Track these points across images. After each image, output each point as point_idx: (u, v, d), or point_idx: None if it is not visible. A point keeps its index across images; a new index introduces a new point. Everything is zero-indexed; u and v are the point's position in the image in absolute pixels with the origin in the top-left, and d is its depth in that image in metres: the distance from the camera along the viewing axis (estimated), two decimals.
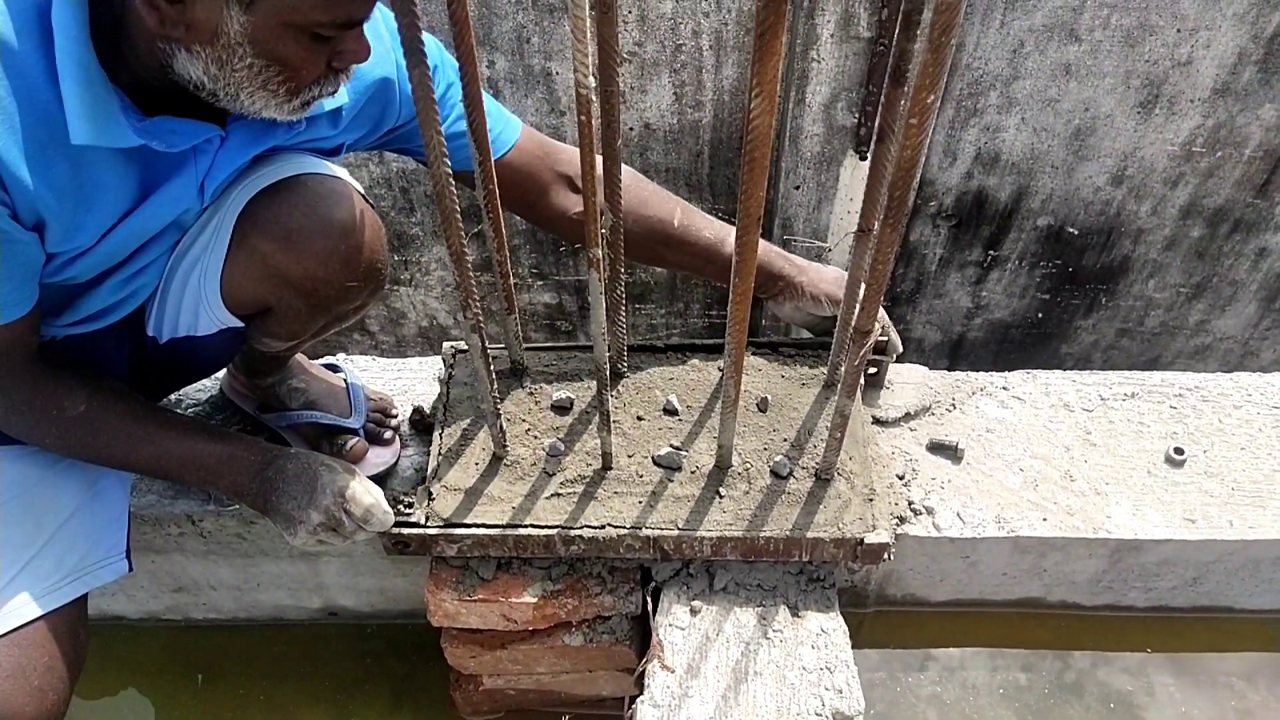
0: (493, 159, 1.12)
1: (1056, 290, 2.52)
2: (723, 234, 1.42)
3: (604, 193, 1.17)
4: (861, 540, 1.28)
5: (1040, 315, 2.61)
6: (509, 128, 1.31)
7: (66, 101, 0.91)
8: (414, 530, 1.29)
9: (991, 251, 2.42)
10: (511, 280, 1.28)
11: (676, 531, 1.28)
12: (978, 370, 1.61)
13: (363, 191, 1.23)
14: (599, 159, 1.07)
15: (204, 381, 1.56)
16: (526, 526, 1.29)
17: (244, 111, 1.00)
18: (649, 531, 1.28)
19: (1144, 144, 2.16)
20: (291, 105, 1.01)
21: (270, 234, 1.12)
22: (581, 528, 1.29)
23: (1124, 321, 2.63)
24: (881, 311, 1.45)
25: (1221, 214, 2.32)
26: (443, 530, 1.29)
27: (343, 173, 1.21)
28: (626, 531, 1.28)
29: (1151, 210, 2.31)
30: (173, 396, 1.54)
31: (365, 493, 1.19)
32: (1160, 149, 2.18)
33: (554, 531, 1.29)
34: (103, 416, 1.15)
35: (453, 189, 0.97)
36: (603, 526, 1.29)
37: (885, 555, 1.29)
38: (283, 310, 1.20)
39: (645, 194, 1.38)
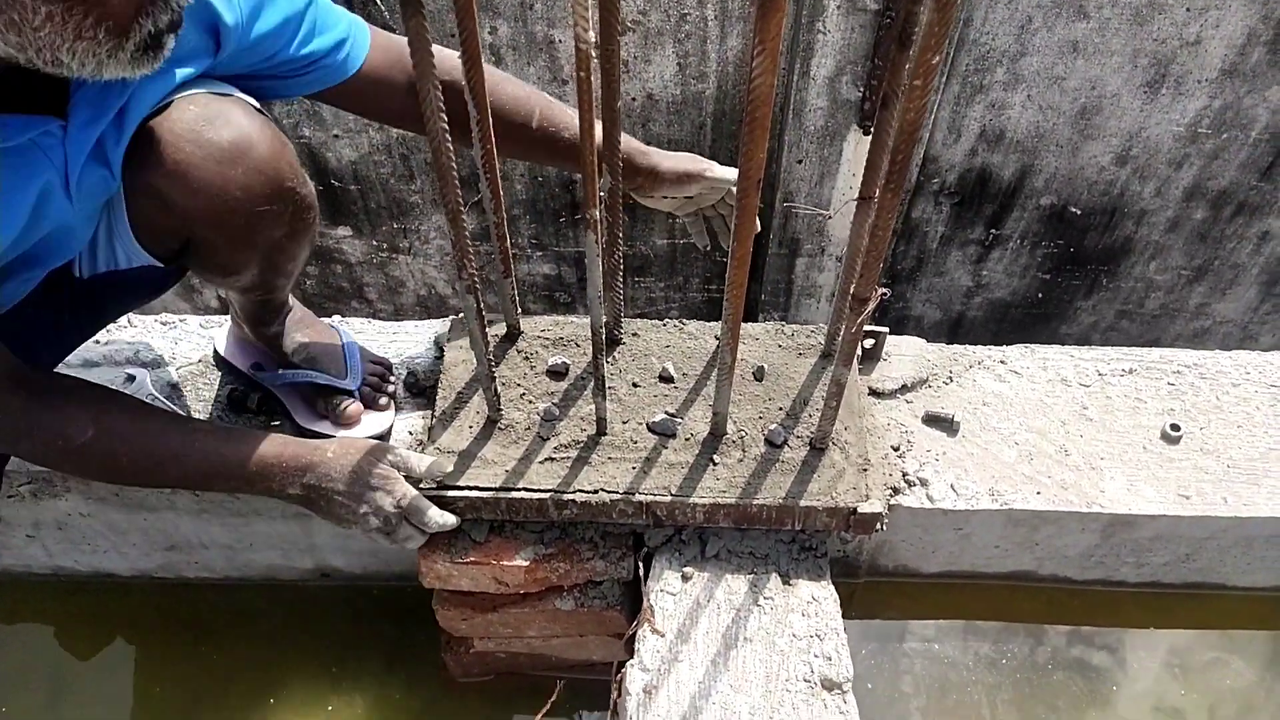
0: (345, 75, 1.09)
1: (1057, 270, 2.51)
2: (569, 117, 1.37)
3: (604, 154, 1.16)
4: (855, 510, 1.28)
5: (1040, 295, 2.60)
6: (359, 37, 1.22)
7: None
8: None
9: (993, 230, 2.41)
10: (508, 243, 1.27)
11: (670, 498, 1.28)
12: None
13: (258, 106, 1.15)
14: (599, 121, 1.07)
15: (196, 340, 1.55)
16: (519, 490, 1.29)
17: (82, 75, 0.87)
18: (642, 497, 1.28)
19: (1150, 124, 2.15)
20: (128, 52, 0.88)
21: (158, 168, 1.04)
22: (575, 492, 1.29)
23: (1124, 303, 2.62)
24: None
25: (1225, 196, 2.30)
26: (436, 493, 1.29)
27: (232, 90, 1.13)
28: (620, 497, 1.28)
29: (1155, 191, 2.30)
30: (165, 355, 1.54)
31: (429, 505, 1.24)
32: (1166, 129, 2.16)
33: (547, 495, 1.29)
34: (113, 442, 1.12)
35: (449, 146, 0.96)
36: (596, 491, 1.29)
37: (878, 525, 1.29)
38: (203, 245, 1.14)
39: (502, 97, 1.30)
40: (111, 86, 0.98)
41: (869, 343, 1.51)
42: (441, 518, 1.26)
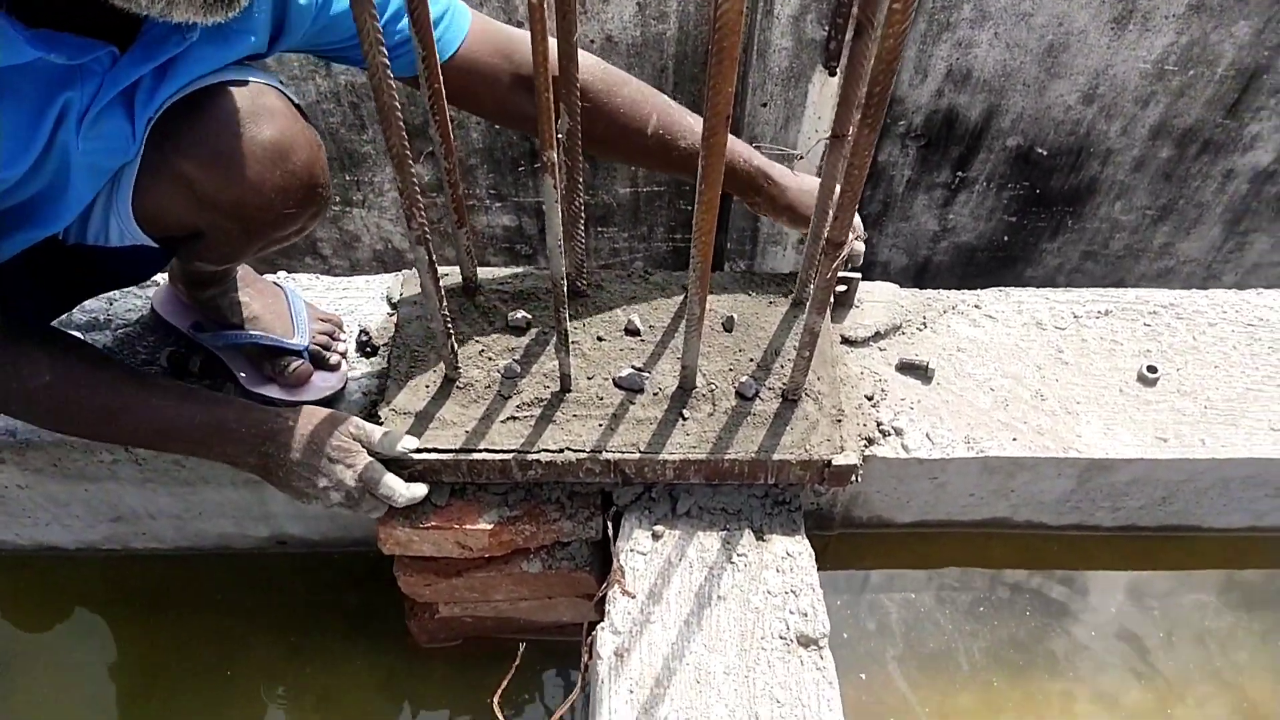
0: (439, 59, 1.03)
1: (1023, 213, 2.48)
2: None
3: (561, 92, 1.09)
4: (829, 462, 1.23)
5: (1006, 238, 2.57)
6: (457, 18, 1.17)
7: None
8: None
9: (960, 173, 2.37)
10: (461, 190, 1.20)
11: (638, 455, 1.23)
12: None
13: (298, 103, 1.11)
14: (554, 49, 0.99)
15: (134, 301, 1.47)
16: (481, 451, 1.23)
17: (151, 12, 0.82)
18: (609, 455, 1.23)
19: (1116, 61, 2.11)
20: None
21: (194, 156, 1.00)
22: (539, 452, 1.23)
23: (1089, 244, 2.60)
24: (857, 219, 1.38)
25: (1191, 134, 2.28)
26: (393, 455, 1.23)
27: (276, 81, 1.10)
28: (586, 455, 1.23)
29: (1121, 130, 2.27)
30: (101, 317, 1.45)
31: (394, 478, 1.20)
32: (1133, 67, 2.12)
33: (510, 456, 1.23)
34: (68, 388, 1.08)
35: (391, 82, 0.88)
36: (561, 450, 1.24)
37: (853, 478, 1.25)
38: (214, 236, 1.10)
39: (618, 100, 1.26)
40: (172, 34, 0.93)
41: (841, 289, 1.46)
42: (409, 490, 1.22)
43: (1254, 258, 2.62)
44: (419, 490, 1.23)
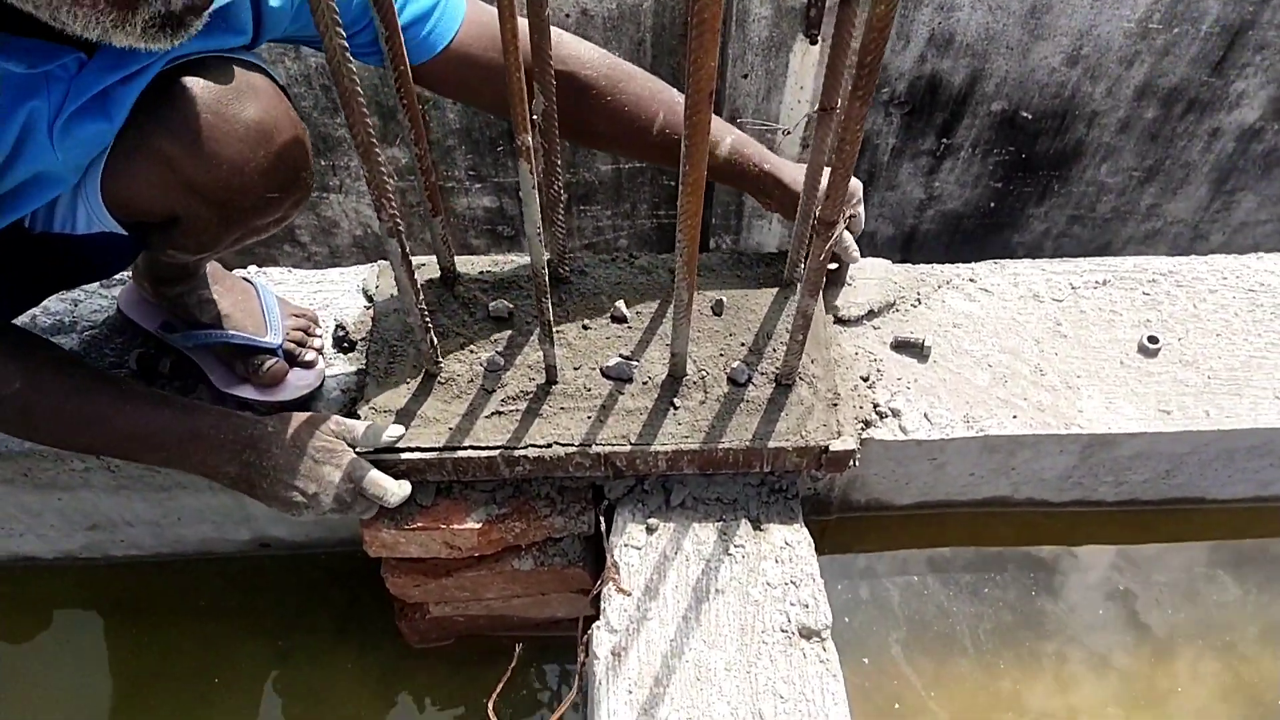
0: (433, 51, 0.97)
1: (1009, 178, 2.45)
2: (719, 136, 1.25)
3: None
4: (826, 448, 1.20)
5: (993, 205, 2.54)
6: (450, 9, 1.11)
7: None
8: None
9: (945, 140, 2.33)
10: (435, 178, 1.14)
11: (629, 447, 1.19)
12: (931, 262, 1.52)
13: (284, 85, 1.06)
14: (523, 25, 0.94)
15: (99, 302, 1.41)
16: (466, 448, 1.19)
17: (88, 37, 0.80)
18: (599, 448, 1.19)
19: (1100, 21, 2.07)
20: (136, 26, 0.80)
21: (175, 134, 0.95)
22: (526, 447, 1.19)
23: (1075, 208, 2.57)
24: (855, 181, 1.32)
25: (1176, 94, 2.24)
26: (373, 456, 1.18)
27: (261, 61, 1.04)
28: (575, 449, 1.19)
29: (1106, 91, 2.23)
30: (66, 319, 1.39)
31: (382, 475, 1.16)
32: (1116, 26, 2.08)
33: (496, 452, 1.19)
34: (38, 397, 1.04)
35: (350, 66, 0.83)
36: (549, 445, 1.19)
37: (851, 462, 1.22)
38: (190, 222, 1.03)
39: (622, 97, 1.20)
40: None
41: (832, 267, 1.41)
42: (401, 489, 1.17)
43: (1241, 216, 2.59)
44: (407, 487, 1.19)
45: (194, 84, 0.96)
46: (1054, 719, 1.40)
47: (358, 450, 1.18)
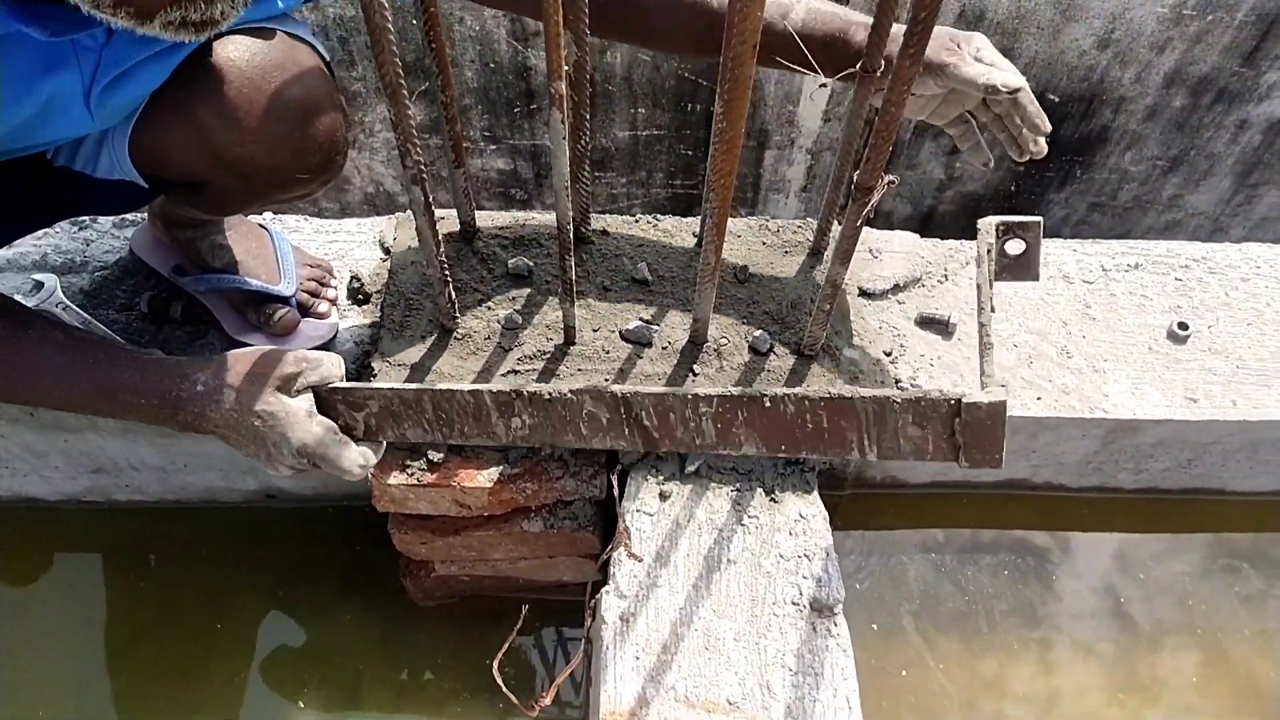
0: None
1: (1031, 161, 2.41)
2: (847, 22, 1.06)
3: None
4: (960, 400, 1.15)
5: (1014, 188, 2.50)
6: None
7: None
8: None
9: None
10: (459, 126, 1.11)
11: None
12: None
13: (328, 60, 1.03)
14: None
15: (111, 242, 1.39)
16: None
17: (107, 21, 0.75)
18: None
19: (1134, 4, 2.02)
20: (156, 26, 0.75)
21: (213, 104, 0.93)
22: None
23: (1097, 195, 2.53)
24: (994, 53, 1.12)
25: (1206, 83, 2.20)
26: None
27: (308, 34, 1.01)
28: None
29: (1135, 77, 2.18)
30: (77, 259, 1.37)
31: (339, 447, 1.03)
32: (1150, 10, 2.04)
33: None
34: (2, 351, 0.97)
35: (383, 2, 0.80)
36: None
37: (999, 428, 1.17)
38: (215, 189, 1.01)
39: None
40: None
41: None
42: (363, 458, 1.04)
43: (1263, 211, 2.55)
44: (371, 456, 1.06)
45: (239, 54, 0.93)
46: (1059, 699, 1.40)
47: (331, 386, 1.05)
